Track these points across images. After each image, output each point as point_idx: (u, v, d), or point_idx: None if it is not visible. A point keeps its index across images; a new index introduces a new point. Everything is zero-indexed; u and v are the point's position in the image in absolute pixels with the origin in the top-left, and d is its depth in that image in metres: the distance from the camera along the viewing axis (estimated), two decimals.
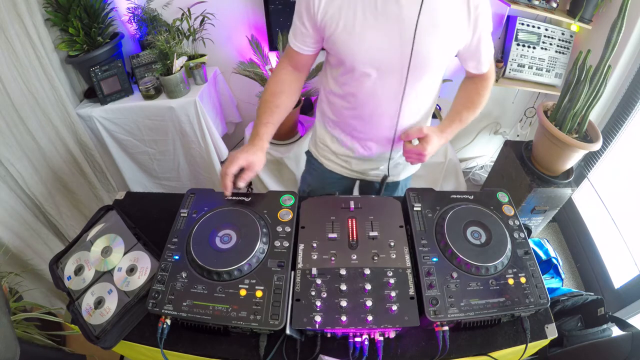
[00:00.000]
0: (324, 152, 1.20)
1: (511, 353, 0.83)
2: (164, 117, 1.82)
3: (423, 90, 0.97)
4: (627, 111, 1.77)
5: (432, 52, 0.87)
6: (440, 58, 0.90)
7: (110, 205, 1.04)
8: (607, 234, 1.90)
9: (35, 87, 1.53)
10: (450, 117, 1.01)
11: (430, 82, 0.97)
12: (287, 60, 1.00)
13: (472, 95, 1.02)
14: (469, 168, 2.64)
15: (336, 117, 1.08)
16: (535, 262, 0.83)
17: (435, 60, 0.90)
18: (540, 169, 1.72)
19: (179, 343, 0.80)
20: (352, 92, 0.97)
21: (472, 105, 1.01)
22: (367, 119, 1.02)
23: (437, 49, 0.87)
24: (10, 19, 1.40)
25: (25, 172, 1.53)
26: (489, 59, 0.98)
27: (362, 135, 1.07)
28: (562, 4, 1.79)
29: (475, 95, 1.01)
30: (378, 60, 0.88)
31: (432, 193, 0.96)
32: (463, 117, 1.00)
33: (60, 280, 0.89)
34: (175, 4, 1.81)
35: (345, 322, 0.72)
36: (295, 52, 0.96)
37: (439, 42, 0.86)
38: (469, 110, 1.00)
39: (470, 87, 1.03)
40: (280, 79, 1.00)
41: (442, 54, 0.89)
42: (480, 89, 1.01)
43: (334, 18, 0.85)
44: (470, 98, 1.02)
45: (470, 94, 1.02)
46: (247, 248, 0.81)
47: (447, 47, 0.89)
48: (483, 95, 1.01)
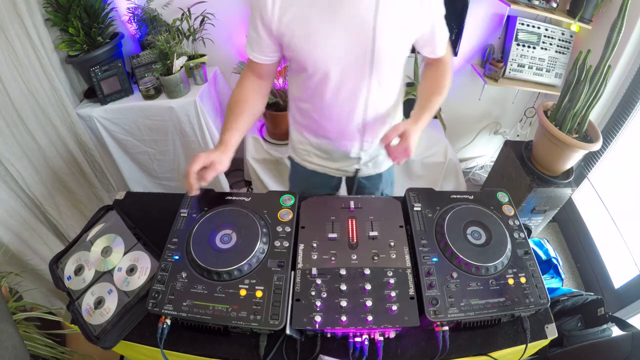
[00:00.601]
0: (303, 155, 1.21)
1: (511, 353, 0.83)
2: (164, 117, 1.82)
3: (387, 83, 0.99)
4: (627, 111, 1.77)
5: (392, 46, 0.89)
6: (401, 50, 0.93)
7: (110, 205, 1.04)
8: (607, 234, 1.90)
9: (35, 87, 1.53)
10: (421, 105, 1.03)
11: (393, 73, 0.99)
12: (249, 70, 1.01)
13: (436, 81, 1.05)
14: (469, 168, 2.64)
15: (307, 120, 1.10)
16: (535, 262, 0.83)
17: (396, 53, 0.92)
18: (540, 169, 1.72)
19: (179, 343, 0.80)
20: (317, 95, 0.98)
21: (438, 89, 1.04)
22: (336, 119, 1.03)
23: (397, 42, 0.89)
24: (10, 19, 1.40)
25: (25, 172, 1.53)
26: (444, 42, 1.00)
27: (334, 134, 1.08)
28: (562, 4, 1.79)
29: (439, 80, 1.05)
30: (339, 61, 0.89)
31: (432, 193, 0.96)
32: (432, 103, 1.02)
33: (60, 280, 0.89)
34: (175, 4, 1.81)
35: (345, 322, 0.72)
36: (255, 62, 0.97)
37: (397, 35, 0.88)
38: (436, 95, 1.03)
39: (433, 74, 1.06)
40: (243, 88, 1.01)
41: (401, 45, 0.91)
42: (442, 73, 1.05)
43: (289, 26, 0.85)
44: (436, 83, 1.05)
45: (434, 81, 1.05)
46: (247, 248, 0.81)
47: (405, 39, 0.91)
48: (446, 79, 1.05)
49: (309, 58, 0.89)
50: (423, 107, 1.01)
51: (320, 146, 1.14)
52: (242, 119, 0.97)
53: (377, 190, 1.31)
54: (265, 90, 1.05)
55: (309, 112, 1.06)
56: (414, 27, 0.90)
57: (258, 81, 1.01)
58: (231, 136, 0.93)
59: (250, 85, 1.01)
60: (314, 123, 1.08)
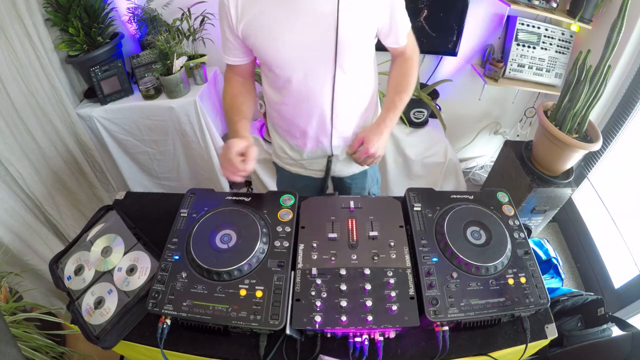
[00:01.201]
0: (285, 160, 1.23)
1: (511, 353, 0.83)
2: (164, 117, 1.82)
3: (354, 74, 1.00)
4: (627, 111, 1.77)
5: (355, 37, 0.91)
6: (365, 39, 0.94)
7: (110, 205, 1.04)
8: (607, 234, 1.90)
9: (35, 87, 1.53)
10: (385, 107, 1.06)
11: (360, 64, 1.00)
12: (230, 71, 1.06)
13: (399, 79, 1.06)
14: (469, 168, 2.64)
15: (283, 121, 1.12)
16: (535, 262, 0.83)
17: (360, 43, 0.94)
18: (540, 169, 1.72)
19: (179, 343, 0.80)
20: (288, 93, 1.01)
21: (401, 89, 1.05)
22: (309, 116, 1.04)
23: (360, 33, 0.91)
24: (10, 19, 1.40)
25: (25, 172, 1.53)
26: (406, 31, 1.00)
27: (311, 132, 1.09)
28: (562, 4, 1.79)
29: (402, 79, 1.05)
30: (304, 58, 0.91)
31: (432, 193, 0.96)
32: (396, 103, 1.04)
33: (60, 280, 0.89)
34: (175, 4, 1.81)
35: (345, 322, 0.72)
36: (232, 65, 1.03)
37: (359, 24, 0.89)
38: (400, 94, 1.04)
39: (396, 72, 1.07)
40: (232, 85, 1.05)
41: (364, 35, 0.93)
42: (405, 70, 1.06)
43: (252, 27, 0.88)
44: (398, 83, 1.06)
45: (397, 79, 1.06)
46: (247, 248, 0.81)
47: (367, 29, 0.93)
48: (410, 76, 1.05)
49: (273, 56, 0.92)
50: (387, 109, 1.05)
51: (296, 146, 1.15)
52: (244, 109, 1.02)
53: (364, 190, 1.31)
54: (250, 86, 1.09)
55: (281, 110, 1.09)
56: (375, 16, 0.91)
57: (241, 80, 1.07)
58: (244, 125, 0.98)
59: (236, 83, 1.06)
60: (290, 123, 1.10)
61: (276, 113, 1.12)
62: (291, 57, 0.91)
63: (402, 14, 0.96)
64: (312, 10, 0.85)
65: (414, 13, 1.79)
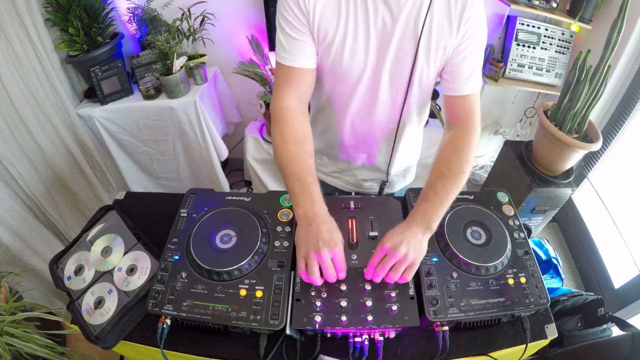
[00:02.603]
0: (317, 164, 1.14)
1: (511, 353, 0.83)
2: (164, 117, 1.82)
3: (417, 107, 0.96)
4: (627, 111, 1.77)
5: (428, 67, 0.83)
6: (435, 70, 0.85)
7: (110, 205, 1.04)
8: (607, 234, 1.90)
9: (35, 87, 1.53)
10: (421, 196, 0.79)
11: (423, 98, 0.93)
12: (289, 91, 0.82)
13: (449, 156, 0.80)
14: None
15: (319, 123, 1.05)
16: (535, 262, 0.83)
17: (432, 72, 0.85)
18: (540, 169, 1.72)
19: (179, 343, 0.80)
20: (344, 105, 0.92)
21: (448, 171, 0.78)
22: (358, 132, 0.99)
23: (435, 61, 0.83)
24: (10, 19, 1.40)
25: (25, 172, 1.53)
26: (473, 80, 0.84)
27: (353, 149, 1.05)
28: (562, 4, 1.79)
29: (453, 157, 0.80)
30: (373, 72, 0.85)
31: None
32: (438, 191, 0.76)
33: (60, 280, 0.89)
34: (175, 4, 1.81)
35: (345, 322, 0.72)
36: (294, 71, 0.81)
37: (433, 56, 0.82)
38: (445, 178, 0.77)
39: (447, 146, 0.84)
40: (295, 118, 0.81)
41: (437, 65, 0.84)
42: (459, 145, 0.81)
43: (327, 24, 0.78)
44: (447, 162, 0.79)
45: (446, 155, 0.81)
46: (247, 248, 0.81)
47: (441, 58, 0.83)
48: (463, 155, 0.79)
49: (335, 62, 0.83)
50: (424, 198, 0.77)
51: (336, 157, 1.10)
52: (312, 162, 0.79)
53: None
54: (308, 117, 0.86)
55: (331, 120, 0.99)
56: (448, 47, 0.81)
57: (301, 106, 0.84)
58: (319, 194, 0.75)
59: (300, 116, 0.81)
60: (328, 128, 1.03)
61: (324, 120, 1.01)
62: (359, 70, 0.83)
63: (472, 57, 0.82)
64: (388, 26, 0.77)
65: None
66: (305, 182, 0.75)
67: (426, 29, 0.78)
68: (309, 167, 0.77)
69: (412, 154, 1.12)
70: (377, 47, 0.81)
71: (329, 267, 0.71)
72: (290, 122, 0.81)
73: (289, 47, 0.80)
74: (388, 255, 0.71)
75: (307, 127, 0.83)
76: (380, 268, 0.72)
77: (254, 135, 2.06)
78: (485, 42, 0.84)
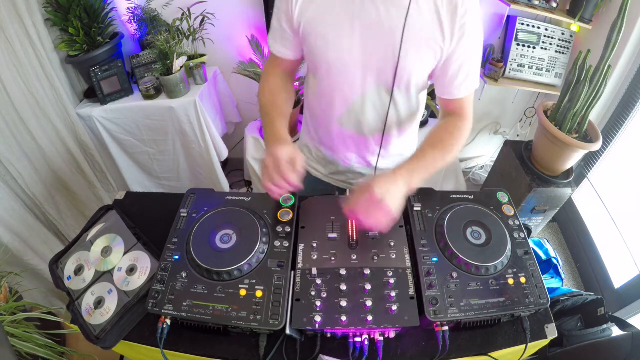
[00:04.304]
0: (310, 161, 1.19)
1: (511, 353, 0.83)
2: (164, 117, 1.82)
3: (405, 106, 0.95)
4: (627, 111, 1.77)
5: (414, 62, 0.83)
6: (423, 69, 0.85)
7: (110, 205, 1.04)
8: (607, 234, 1.90)
9: (35, 87, 1.53)
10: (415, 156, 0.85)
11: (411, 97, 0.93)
12: (272, 65, 0.98)
13: (441, 134, 0.88)
14: (469, 168, 2.64)
15: (312, 121, 1.08)
16: (535, 262, 0.83)
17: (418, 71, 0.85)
18: (540, 169, 1.72)
19: (179, 343, 0.80)
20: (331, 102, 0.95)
21: (439, 143, 0.85)
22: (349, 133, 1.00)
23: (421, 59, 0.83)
24: (10, 19, 1.40)
25: (25, 172, 1.53)
26: (467, 85, 0.87)
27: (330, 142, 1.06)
28: (562, 4, 1.79)
29: (445, 134, 0.87)
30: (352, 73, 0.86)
31: (432, 193, 0.96)
32: (427, 155, 0.83)
33: (60, 280, 0.89)
34: (175, 4, 1.81)
35: (345, 322, 0.72)
36: (277, 57, 0.94)
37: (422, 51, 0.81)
38: (435, 149, 0.85)
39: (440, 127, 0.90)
40: (274, 80, 0.97)
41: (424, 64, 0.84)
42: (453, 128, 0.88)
43: (311, 22, 0.83)
44: (439, 137, 0.87)
45: (439, 133, 0.88)
46: (247, 248, 0.81)
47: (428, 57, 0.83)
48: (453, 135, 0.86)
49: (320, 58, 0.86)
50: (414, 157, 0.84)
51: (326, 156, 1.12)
52: (285, 108, 0.94)
53: None
54: (291, 85, 1.00)
55: (321, 119, 1.03)
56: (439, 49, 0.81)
57: (284, 76, 0.98)
58: (283, 126, 0.88)
59: (278, 78, 0.97)
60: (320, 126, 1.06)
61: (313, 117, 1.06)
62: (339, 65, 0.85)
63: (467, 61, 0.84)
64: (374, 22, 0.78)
65: None
66: (271, 116, 0.89)
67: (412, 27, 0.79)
68: (279, 108, 0.91)
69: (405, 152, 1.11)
70: (362, 42, 0.82)
71: (274, 169, 0.79)
72: (270, 82, 0.97)
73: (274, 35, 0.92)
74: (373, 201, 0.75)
75: (283, 87, 0.96)
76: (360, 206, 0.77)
77: (254, 135, 2.06)
78: (481, 48, 0.85)
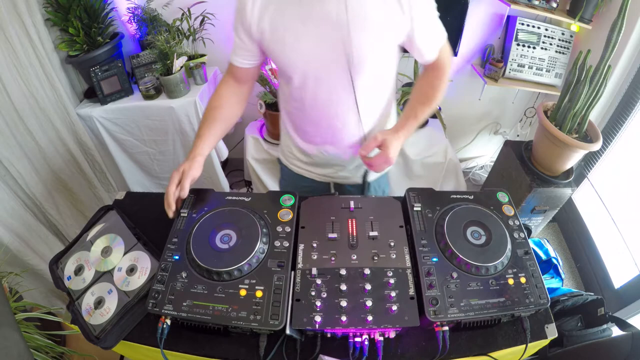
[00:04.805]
0: (291, 159, 1.22)
1: (511, 353, 0.83)
2: (164, 117, 1.82)
3: (372, 89, 0.97)
4: (627, 111, 1.77)
5: (367, 48, 0.86)
6: (378, 53, 0.89)
7: (110, 205, 1.04)
8: (607, 234, 1.90)
9: (35, 87, 1.53)
10: (405, 114, 0.99)
11: (377, 79, 0.96)
12: (230, 75, 1.02)
13: (426, 89, 1.00)
14: (469, 168, 2.64)
15: (293, 123, 1.11)
16: (535, 262, 0.83)
17: (373, 56, 0.89)
18: (540, 169, 1.72)
19: (179, 343, 0.80)
20: (300, 99, 0.98)
21: (426, 100, 0.99)
22: (319, 124, 1.03)
23: (373, 44, 0.86)
24: (10, 19, 1.40)
25: (25, 172, 1.53)
26: (436, 46, 0.94)
27: (319, 139, 1.08)
28: (562, 4, 1.79)
29: (429, 89, 1.00)
30: (314, 66, 0.89)
31: (432, 193, 0.96)
32: (418, 112, 0.98)
33: (60, 280, 0.89)
34: (175, 4, 1.81)
35: (345, 322, 0.72)
36: (235, 66, 0.99)
37: (373, 36, 0.85)
38: (424, 104, 0.99)
39: (424, 82, 1.01)
40: (220, 93, 1.01)
41: (378, 48, 0.88)
42: (433, 81, 0.99)
43: (266, 30, 0.86)
44: (424, 92, 1.00)
45: (423, 89, 1.01)
46: (247, 248, 0.81)
47: (382, 41, 0.87)
48: (437, 88, 0.99)
49: (285, 62, 0.91)
50: (407, 117, 0.98)
51: (305, 151, 1.14)
52: (215, 125, 0.98)
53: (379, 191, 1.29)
54: (244, 95, 1.05)
55: (295, 115, 1.07)
56: (392, 28, 0.86)
57: (237, 86, 1.03)
58: (200, 143, 0.95)
59: (228, 90, 1.02)
60: (299, 127, 1.09)
61: (289, 114, 1.10)
62: (302, 64, 0.89)
63: (427, 28, 0.89)
64: (324, 18, 0.82)
65: None
66: (198, 134, 0.97)
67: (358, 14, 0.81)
68: (206, 126, 0.98)
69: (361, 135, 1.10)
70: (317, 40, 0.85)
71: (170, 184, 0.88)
72: (217, 94, 1.02)
73: (235, 48, 0.97)
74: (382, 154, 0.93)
75: (227, 100, 1.02)
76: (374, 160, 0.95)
77: (254, 135, 2.06)
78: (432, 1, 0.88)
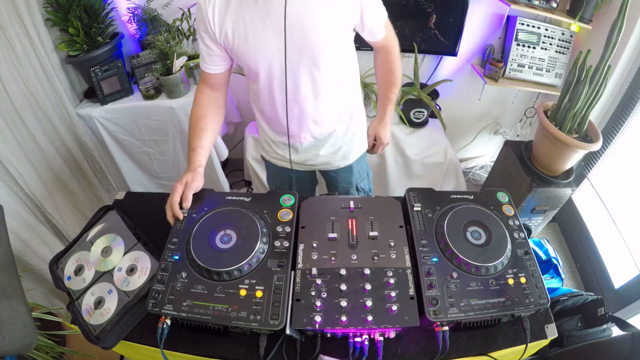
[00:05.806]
0: (271, 153, 1.25)
1: (511, 353, 0.83)
2: (164, 117, 1.82)
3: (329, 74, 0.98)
4: (627, 111, 1.77)
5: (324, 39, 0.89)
6: (336, 41, 0.93)
7: (110, 205, 1.04)
8: (607, 234, 1.90)
9: (35, 87, 1.53)
10: (381, 102, 1.19)
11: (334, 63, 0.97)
12: (203, 84, 1.04)
13: (386, 76, 1.13)
14: (469, 168, 2.64)
15: (261, 117, 1.15)
16: (535, 262, 0.83)
17: (331, 45, 0.92)
18: (540, 169, 1.72)
19: (179, 343, 0.80)
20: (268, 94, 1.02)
21: (390, 85, 1.14)
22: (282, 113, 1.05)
23: (329, 35, 0.90)
24: (10, 19, 1.40)
25: (25, 172, 1.53)
26: (381, 23, 0.99)
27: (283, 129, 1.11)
28: (562, 4, 1.79)
29: (388, 75, 1.13)
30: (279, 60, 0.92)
31: (432, 193, 0.96)
32: (390, 97, 1.16)
33: (60, 280, 0.89)
34: (175, 4, 1.81)
35: (345, 322, 0.72)
36: (207, 74, 1.01)
37: (327, 28, 0.88)
38: (390, 88, 1.15)
39: (382, 68, 1.13)
40: (200, 104, 1.03)
41: (335, 37, 0.92)
42: (389, 65, 1.11)
43: (229, 33, 0.89)
44: (387, 79, 1.14)
45: (384, 76, 1.14)
46: (247, 248, 0.81)
47: (337, 30, 0.91)
48: (395, 69, 1.11)
49: (250, 59, 0.93)
50: (384, 104, 1.19)
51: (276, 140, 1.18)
52: (204, 135, 1.00)
53: (350, 184, 1.32)
54: (221, 101, 1.07)
55: (261, 109, 1.11)
56: (344, 16, 0.90)
57: (213, 93, 1.05)
58: (197, 155, 0.97)
59: (206, 99, 1.04)
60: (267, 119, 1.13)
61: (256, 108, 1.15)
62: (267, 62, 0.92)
63: (374, 7, 0.94)
64: (281, 14, 0.85)
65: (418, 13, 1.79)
66: (192, 147, 0.98)
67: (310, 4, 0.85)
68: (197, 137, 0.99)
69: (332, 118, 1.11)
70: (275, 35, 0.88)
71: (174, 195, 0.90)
72: (197, 105, 1.04)
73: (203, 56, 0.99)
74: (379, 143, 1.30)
75: (208, 109, 1.03)
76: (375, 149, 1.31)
77: (254, 135, 2.06)
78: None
